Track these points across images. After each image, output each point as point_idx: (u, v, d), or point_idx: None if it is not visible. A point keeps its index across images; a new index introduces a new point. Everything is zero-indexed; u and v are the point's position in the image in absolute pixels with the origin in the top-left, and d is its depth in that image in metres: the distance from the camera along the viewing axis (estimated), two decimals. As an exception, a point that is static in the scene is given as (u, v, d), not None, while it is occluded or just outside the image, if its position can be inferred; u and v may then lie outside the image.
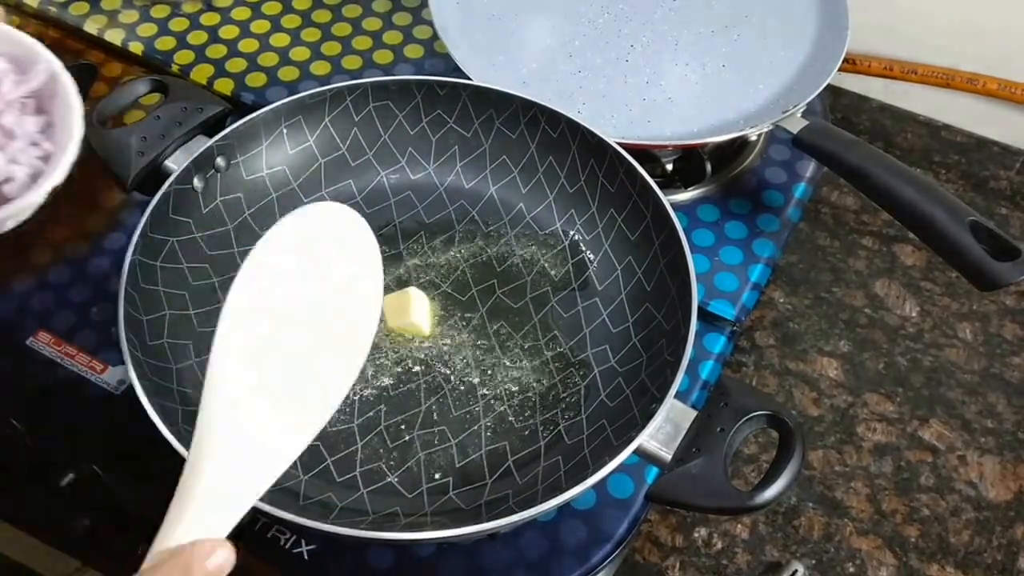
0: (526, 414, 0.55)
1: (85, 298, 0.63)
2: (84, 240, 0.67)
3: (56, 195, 0.69)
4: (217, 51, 0.78)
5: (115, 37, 0.79)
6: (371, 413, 0.55)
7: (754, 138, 0.73)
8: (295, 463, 0.39)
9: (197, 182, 0.59)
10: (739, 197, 0.70)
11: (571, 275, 0.62)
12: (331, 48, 0.79)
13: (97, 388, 0.59)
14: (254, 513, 0.52)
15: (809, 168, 0.72)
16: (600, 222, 0.62)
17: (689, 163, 0.70)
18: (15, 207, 0.58)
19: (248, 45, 0.78)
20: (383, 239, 0.63)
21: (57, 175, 0.56)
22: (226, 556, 0.31)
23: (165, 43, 0.78)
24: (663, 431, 0.48)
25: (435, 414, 0.55)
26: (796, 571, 0.56)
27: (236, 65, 0.77)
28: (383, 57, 0.78)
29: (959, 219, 0.57)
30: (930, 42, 0.80)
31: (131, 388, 0.48)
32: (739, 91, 0.68)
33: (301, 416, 0.32)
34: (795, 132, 0.64)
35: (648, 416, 0.48)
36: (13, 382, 0.60)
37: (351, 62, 0.78)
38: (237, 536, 0.54)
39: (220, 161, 0.60)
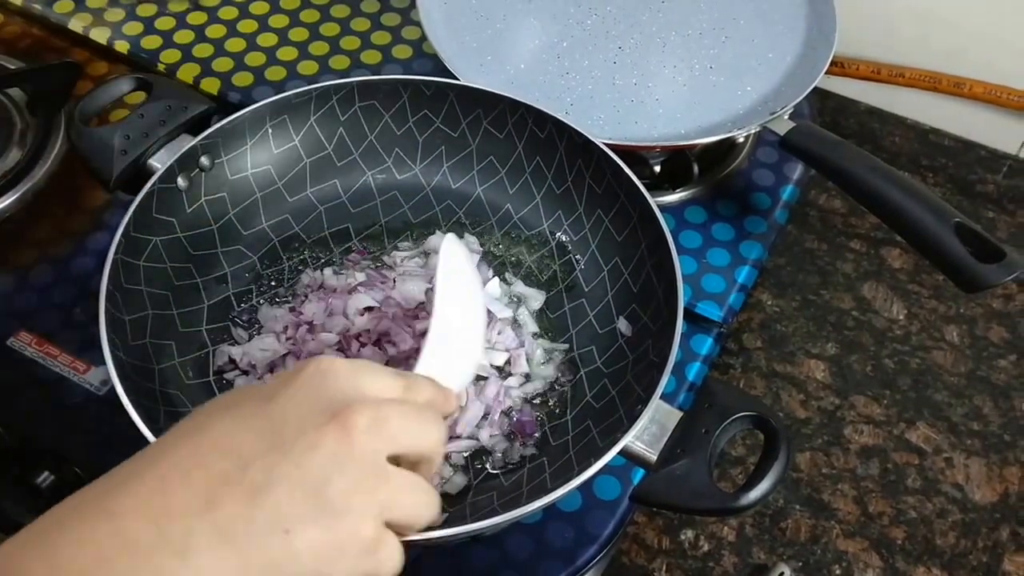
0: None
1: (68, 298, 0.63)
2: (67, 240, 0.66)
3: (38, 195, 0.68)
4: (204, 50, 0.77)
5: (100, 36, 0.78)
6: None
7: (741, 140, 0.73)
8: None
9: (181, 181, 0.58)
10: (726, 199, 0.70)
11: (558, 276, 0.62)
12: (319, 48, 0.78)
13: (79, 388, 0.58)
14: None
15: (796, 170, 0.72)
16: (587, 223, 0.62)
17: (676, 165, 0.70)
18: None
19: (235, 44, 0.78)
20: (369, 239, 0.63)
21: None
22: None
23: (151, 42, 0.78)
24: (649, 432, 0.48)
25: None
26: (782, 573, 0.56)
27: (223, 64, 0.76)
28: (371, 57, 0.78)
29: (944, 221, 0.57)
30: (917, 46, 0.80)
31: (114, 388, 0.47)
32: (727, 93, 0.68)
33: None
34: (782, 134, 0.64)
35: (634, 417, 0.48)
36: (-7, 382, 0.59)
37: (339, 62, 0.77)
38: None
39: (204, 160, 0.59)
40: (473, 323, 0.48)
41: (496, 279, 0.60)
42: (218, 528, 0.30)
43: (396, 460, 0.35)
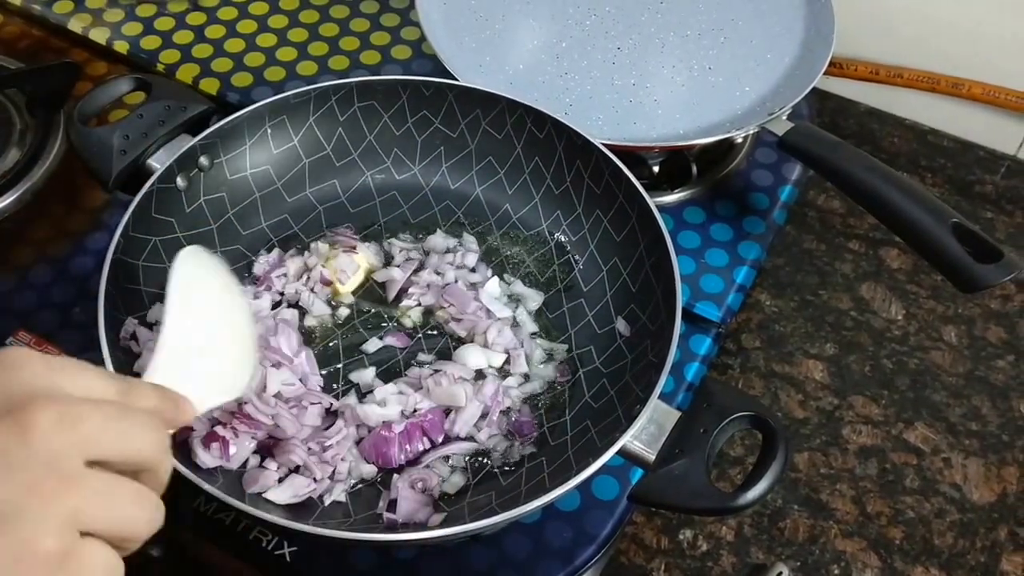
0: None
1: (67, 298, 0.63)
2: (66, 240, 0.66)
3: (37, 195, 0.68)
4: (203, 51, 0.77)
5: (100, 36, 0.78)
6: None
7: (740, 140, 0.73)
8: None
9: (180, 181, 0.58)
10: (725, 199, 0.70)
11: (557, 276, 0.62)
12: (318, 48, 0.78)
13: (78, 389, 0.58)
14: (236, 515, 0.52)
15: (795, 171, 0.72)
16: (586, 223, 0.62)
17: (675, 165, 0.70)
18: None
19: (234, 45, 0.78)
20: (368, 238, 0.63)
21: None
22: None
23: (150, 42, 0.78)
24: (647, 432, 0.48)
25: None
26: (781, 573, 0.56)
27: (222, 65, 0.76)
28: (370, 58, 0.78)
29: (942, 221, 0.57)
30: (915, 46, 0.81)
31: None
32: (725, 93, 0.68)
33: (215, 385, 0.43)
34: (781, 135, 0.64)
35: (632, 417, 0.48)
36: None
37: (338, 62, 0.77)
38: (220, 538, 0.53)
39: (203, 160, 0.59)
40: (230, 336, 0.45)
41: (495, 279, 0.60)
42: None
43: (114, 469, 0.31)
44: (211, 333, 0.44)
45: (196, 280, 0.45)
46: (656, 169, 0.70)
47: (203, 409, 0.41)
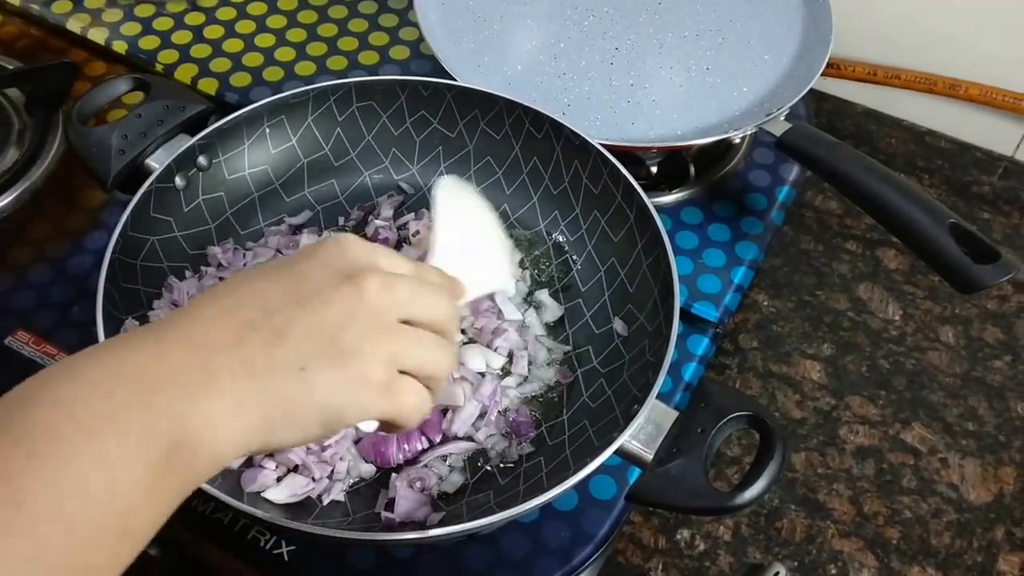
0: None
1: (66, 297, 0.63)
2: (65, 239, 0.66)
3: (36, 194, 0.68)
4: (202, 51, 0.77)
5: (98, 36, 0.78)
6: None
7: (738, 141, 0.74)
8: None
9: (179, 181, 0.58)
10: (723, 200, 0.71)
11: (554, 276, 0.62)
12: (316, 49, 0.78)
13: (76, 388, 0.58)
14: (234, 514, 0.52)
15: (793, 171, 0.73)
16: (584, 223, 0.62)
17: (673, 165, 0.70)
18: None
19: (233, 45, 0.78)
20: (365, 238, 0.63)
21: None
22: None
23: (149, 42, 0.78)
24: (645, 432, 0.48)
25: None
26: (778, 572, 0.56)
27: (221, 65, 0.76)
28: (369, 58, 0.78)
29: (940, 222, 0.57)
30: (913, 47, 0.81)
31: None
32: (723, 94, 0.69)
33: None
34: (778, 135, 0.64)
35: (630, 417, 0.48)
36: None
37: (336, 63, 0.78)
38: (219, 537, 0.53)
39: (202, 160, 0.59)
40: (486, 239, 0.51)
41: (512, 280, 0.60)
42: (242, 362, 0.35)
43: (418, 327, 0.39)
44: (471, 238, 0.50)
45: (455, 198, 0.51)
46: (654, 169, 0.70)
47: (471, 296, 0.47)
